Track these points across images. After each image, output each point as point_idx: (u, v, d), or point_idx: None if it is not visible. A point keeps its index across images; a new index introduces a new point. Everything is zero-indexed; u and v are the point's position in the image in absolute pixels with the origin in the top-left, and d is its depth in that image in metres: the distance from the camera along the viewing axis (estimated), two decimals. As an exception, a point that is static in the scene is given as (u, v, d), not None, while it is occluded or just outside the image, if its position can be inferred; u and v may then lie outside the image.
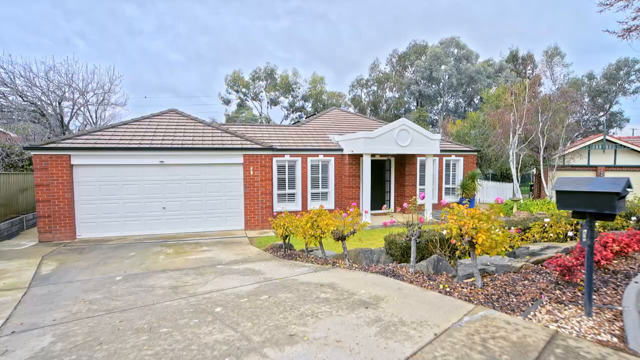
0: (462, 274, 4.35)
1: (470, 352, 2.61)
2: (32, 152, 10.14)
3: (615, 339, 2.70)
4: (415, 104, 36.19)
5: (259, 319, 3.49)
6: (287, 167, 13.64)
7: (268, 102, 37.47)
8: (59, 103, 16.23)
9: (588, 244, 3.02)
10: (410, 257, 5.37)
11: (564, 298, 3.47)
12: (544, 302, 3.43)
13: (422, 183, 15.10)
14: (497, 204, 4.12)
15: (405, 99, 36.34)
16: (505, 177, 23.06)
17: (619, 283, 3.71)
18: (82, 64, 25.77)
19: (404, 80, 34.54)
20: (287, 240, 8.30)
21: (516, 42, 65.34)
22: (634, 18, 6.59)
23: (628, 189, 2.82)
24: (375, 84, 36.37)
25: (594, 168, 20.18)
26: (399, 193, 15.13)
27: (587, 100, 35.30)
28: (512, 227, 4.37)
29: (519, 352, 2.56)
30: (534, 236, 6.88)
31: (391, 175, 15.49)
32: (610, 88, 33.64)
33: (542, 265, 4.43)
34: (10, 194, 12.00)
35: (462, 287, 4.00)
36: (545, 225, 7.00)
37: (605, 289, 3.62)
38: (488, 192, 19.47)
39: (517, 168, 15.38)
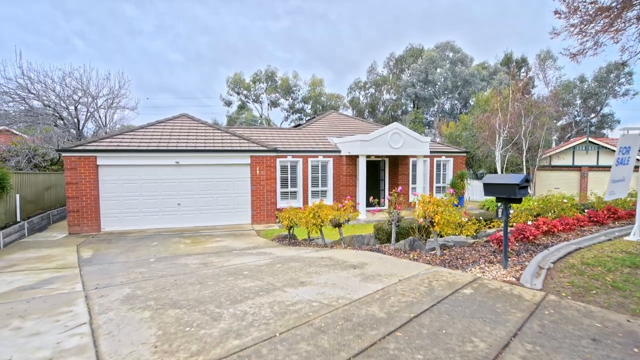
0: (429, 248, 5.84)
1: (419, 287, 4.09)
2: (63, 154, 11.57)
3: (514, 279, 4.19)
4: (412, 105, 37.77)
5: (278, 276, 4.97)
6: (289, 167, 15.12)
7: (268, 104, 38.98)
8: (75, 108, 17.65)
9: (504, 219, 4.51)
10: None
11: (495, 260, 4.96)
12: (480, 263, 4.92)
13: (414, 182, 16.59)
14: (450, 195, 5.61)
15: (403, 100, 37.90)
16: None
17: (537, 251, 5.21)
18: (93, 69, 27.10)
19: (400, 83, 36.13)
20: (291, 231, 9.77)
21: (516, 42, 66.94)
22: (581, 43, 8.11)
23: (526, 182, 4.31)
24: (373, 86, 37.95)
25: (578, 168, 21.74)
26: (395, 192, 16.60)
27: (579, 102, 36.98)
28: (465, 212, 5.84)
29: (449, 286, 4.05)
30: (499, 224, 8.38)
31: (385, 175, 16.98)
32: (601, 90, 35.26)
33: (487, 241, 5.92)
34: (38, 192, 13.44)
35: (426, 256, 5.49)
36: (508, 213, 8.50)
37: (525, 254, 5.12)
38: (481, 190, 21.01)
39: (502, 168, 16.90)
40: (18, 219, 11.63)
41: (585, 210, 9.23)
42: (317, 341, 2.86)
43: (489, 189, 4.50)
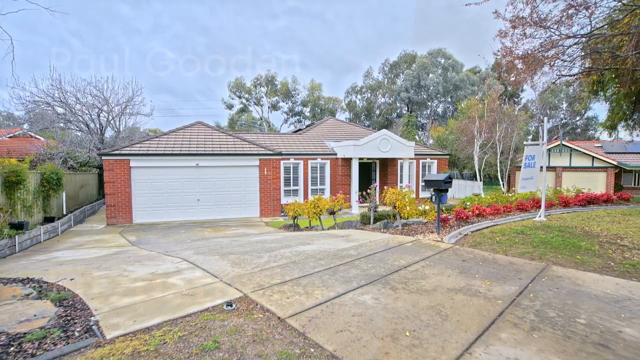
0: (395, 225, 8.57)
1: (380, 243, 6.81)
2: (104, 157, 14.22)
3: (440, 239, 6.92)
4: (406, 109, 40.62)
5: (291, 241, 7.68)
6: (291, 168, 17.83)
7: (269, 107, 41.74)
8: (98, 115, 20.29)
9: (437, 204, 7.24)
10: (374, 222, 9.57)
11: (435, 231, 7.68)
12: (425, 233, 7.64)
13: (402, 181, 19.31)
14: (408, 189, 8.32)
15: (398, 104, 40.73)
16: (476, 177, 27.46)
17: (465, 225, 7.93)
18: (116, 80, 29.82)
19: (395, 88, 38.98)
20: (295, 221, 12.45)
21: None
22: (518, 76, 10.87)
23: (449, 179, 7.03)
24: (369, 90, 40.82)
25: (553, 169, 24.59)
26: (383, 189, 19.33)
27: (564, 105, 39.92)
28: (421, 202, 8.51)
29: (398, 243, 6.76)
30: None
31: (376, 175, 19.72)
32: (585, 94, 38.17)
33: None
34: (75, 190, 16.07)
35: (392, 230, 8.21)
36: (467, 206, 11.25)
37: (457, 227, 7.85)
38: (466, 189, 23.79)
39: (480, 169, 19.66)
40: (64, 212, 14.27)
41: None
42: (318, 262, 5.57)
43: (427, 183, 7.23)
